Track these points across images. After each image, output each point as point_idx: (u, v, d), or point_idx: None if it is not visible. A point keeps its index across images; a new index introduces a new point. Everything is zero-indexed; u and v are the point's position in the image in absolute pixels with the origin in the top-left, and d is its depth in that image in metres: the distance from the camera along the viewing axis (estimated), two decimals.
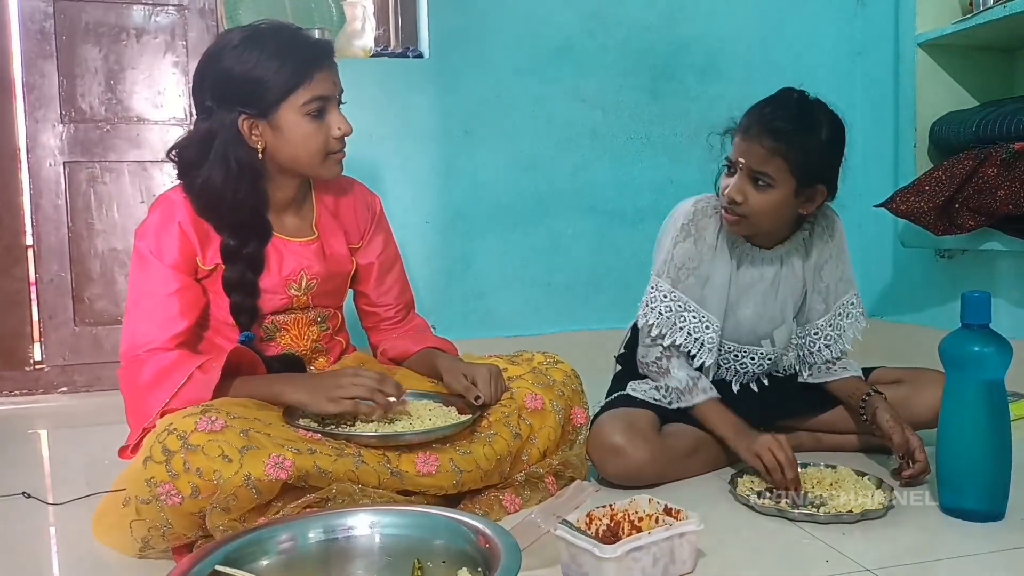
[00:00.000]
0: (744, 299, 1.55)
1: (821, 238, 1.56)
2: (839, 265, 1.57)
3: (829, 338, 1.56)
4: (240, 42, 1.31)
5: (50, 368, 2.22)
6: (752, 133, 1.40)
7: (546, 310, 2.57)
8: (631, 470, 1.42)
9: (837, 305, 1.57)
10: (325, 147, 1.36)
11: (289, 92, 1.31)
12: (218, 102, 1.33)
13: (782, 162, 1.39)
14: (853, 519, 1.25)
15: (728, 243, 1.53)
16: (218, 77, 1.32)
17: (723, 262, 1.52)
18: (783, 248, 1.54)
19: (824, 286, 1.57)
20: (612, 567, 1.00)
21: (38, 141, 2.17)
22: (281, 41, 1.32)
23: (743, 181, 1.42)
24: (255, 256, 1.38)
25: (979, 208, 2.04)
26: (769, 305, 1.55)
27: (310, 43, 1.36)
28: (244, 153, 1.34)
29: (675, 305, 1.51)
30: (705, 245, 1.52)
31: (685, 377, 1.50)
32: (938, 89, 2.34)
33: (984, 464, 1.25)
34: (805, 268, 1.56)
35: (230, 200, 1.34)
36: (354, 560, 1.00)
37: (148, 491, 1.10)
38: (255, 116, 1.32)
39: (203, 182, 1.33)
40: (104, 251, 2.22)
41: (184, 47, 2.25)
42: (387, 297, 1.60)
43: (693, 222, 1.52)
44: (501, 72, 2.47)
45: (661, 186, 2.61)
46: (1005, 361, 1.23)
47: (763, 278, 1.54)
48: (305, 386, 1.29)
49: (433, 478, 1.24)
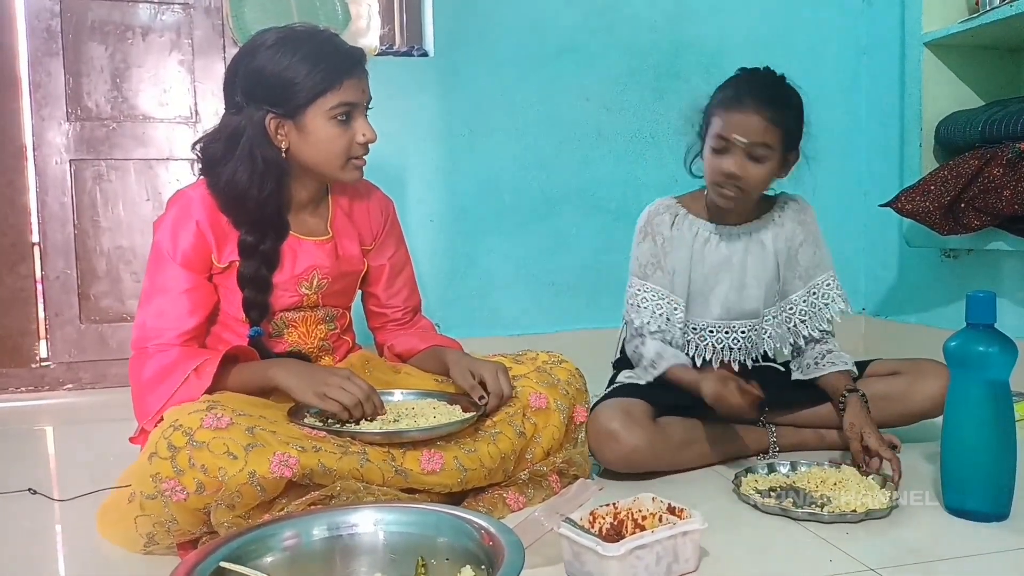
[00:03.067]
0: (721, 277, 1.61)
1: (793, 220, 1.62)
2: (813, 249, 1.62)
3: (804, 313, 1.61)
4: (275, 42, 1.33)
5: (56, 365, 2.22)
6: (748, 106, 1.44)
7: (550, 309, 2.56)
8: (627, 454, 1.44)
9: (812, 284, 1.61)
10: (347, 152, 1.37)
11: (318, 96, 1.33)
12: (248, 99, 1.35)
13: (779, 131, 1.46)
14: (857, 518, 1.25)
15: (689, 230, 1.61)
16: (250, 74, 1.34)
17: (683, 249, 1.61)
18: (751, 225, 1.61)
19: (802, 269, 1.62)
20: (615, 565, 1.01)
21: (44, 139, 2.18)
22: (315, 45, 1.34)
23: (739, 156, 1.46)
24: (271, 253, 1.39)
25: (985, 208, 2.03)
26: (744, 280, 1.61)
27: (343, 50, 1.37)
28: (270, 151, 1.35)
29: (649, 295, 1.61)
30: (662, 239, 1.61)
31: (655, 348, 1.57)
32: (944, 89, 2.33)
33: (989, 464, 1.25)
34: (776, 245, 1.60)
35: (255, 197, 1.35)
36: (358, 557, 1.01)
37: (153, 487, 1.11)
38: (282, 116, 1.34)
39: (228, 179, 1.35)
40: (110, 249, 2.23)
41: (190, 45, 2.26)
42: (396, 299, 1.61)
43: (648, 223, 1.63)
44: (506, 71, 2.47)
45: (666, 185, 2.60)
46: (1010, 361, 1.23)
47: (733, 254, 1.61)
48: (297, 373, 1.30)
49: (437, 476, 1.24)
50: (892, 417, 1.56)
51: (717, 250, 1.61)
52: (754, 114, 1.44)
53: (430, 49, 2.45)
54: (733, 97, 1.47)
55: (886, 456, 1.38)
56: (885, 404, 1.54)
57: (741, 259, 1.61)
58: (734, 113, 1.46)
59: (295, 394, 1.28)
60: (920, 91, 2.33)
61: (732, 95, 1.48)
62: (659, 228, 1.62)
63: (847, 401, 1.49)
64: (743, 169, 1.46)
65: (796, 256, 1.61)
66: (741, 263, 1.61)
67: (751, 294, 1.61)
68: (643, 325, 1.59)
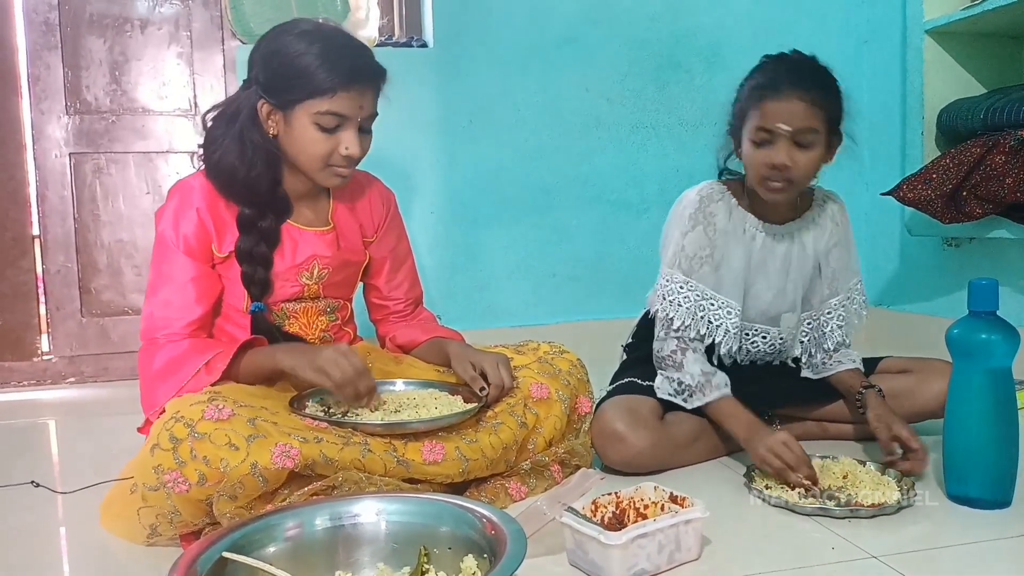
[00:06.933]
0: (759, 277, 1.54)
1: (833, 219, 1.56)
2: (846, 251, 1.57)
3: (841, 319, 1.57)
4: (301, 32, 1.34)
5: (57, 359, 2.23)
6: (787, 91, 1.38)
7: (551, 300, 2.56)
8: (632, 457, 1.42)
9: (846, 288, 1.57)
10: (327, 159, 1.37)
11: (309, 97, 1.32)
12: (255, 78, 1.36)
13: (823, 114, 1.39)
14: (869, 514, 1.22)
15: (740, 224, 1.52)
16: (264, 54, 1.36)
17: (737, 244, 1.51)
18: (795, 224, 1.54)
19: (831, 271, 1.56)
20: (617, 554, 1.01)
21: (44, 132, 2.17)
22: (332, 48, 1.33)
23: (786, 145, 1.39)
24: (271, 230, 1.40)
25: (987, 196, 2.03)
26: (782, 282, 1.55)
27: (357, 62, 1.35)
28: (258, 135, 1.36)
29: (693, 295, 1.49)
30: (715, 231, 1.50)
31: (699, 372, 1.47)
32: (946, 76, 2.32)
33: (990, 452, 1.24)
34: (816, 247, 1.55)
35: (243, 177, 1.36)
36: (360, 547, 1.01)
37: (155, 478, 1.11)
38: (274, 105, 1.34)
39: (219, 156, 1.36)
40: (110, 242, 2.23)
41: (188, 38, 2.25)
42: (398, 291, 1.61)
43: (700, 210, 1.49)
44: (506, 62, 2.46)
45: (667, 175, 2.60)
46: (1012, 349, 1.23)
47: (775, 255, 1.53)
48: (298, 354, 1.30)
49: (439, 466, 1.24)
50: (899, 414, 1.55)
51: (762, 249, 1.52)
52: (796, 99, 1.37)
53: (429, 40, 2.44)
54: (769, 85, 1.40)
55: (915, 446, 1.35)
56: (893, 401, 1.50)
57: (783, 261, 1.53)
58: (774, 102, 1.38)
59: (296, 371, 1.29)
60: (922, 79, 2.32)
61: (767, 83, 1.41)
62: (714, 218, 1.49)
63: (866, 396, 1.46)
64: (792, 158, 1.39)
65: (829, 256, 1.56)
66: (783, 265, 1.53)
67: (788, 298, 1.55)
68: (684, 328, 1.48)
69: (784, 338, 1.59)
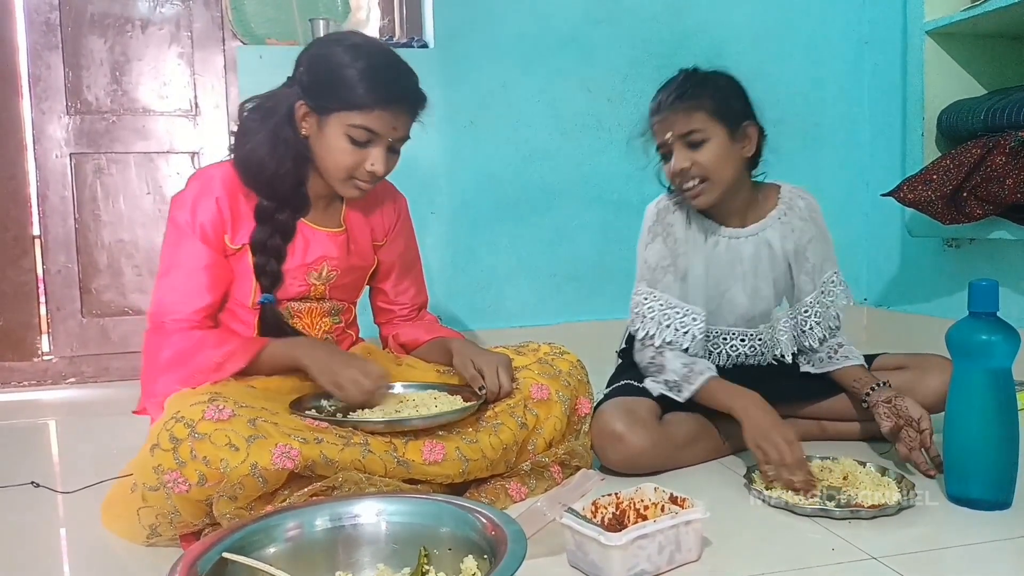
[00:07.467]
0: (731, 282, 1.57)
1: (801, 217, 1.58)
2: (821, 244, 1.60)
3: (819, 315, 1.59)
4: (350, 44, 1.36)
5: (58, 359, 2.23)
6: (664, 108, 1.49)
7: (552, 301, 2.56)
8: (631, 457, 1.43)
9: (820, 282, 1.59)
10: (352, 171, 1.38)
11: (346, 108, 1.33)
12: (299, 78, 1.37)
13: (703, 113, 1.46)
14: (869, 515, 1.22)
15: (701, 231, 1.56)
16: (313, 57, 1.37)
17: (697, 251, 1.56)
18: (758, 225, 1.57)
19: (810, 266, 1.59)
20: (617, 555, 1.01)
21: (44, 133, 2.18)
22: (378, 65, 1.35)
23: (681, 151, 1.47)
24: (287, 223, 1.41)
25: (987, 197, 2.03)
26: (755, 283, 1.58)
27: (399, 84, 1.37)
28: (291, 133, 1.37)
29: (657, 305, 1.54)
30: (675, 240, 1.55)
31: (680, 366, 1.50)
32: (946, 77, 2.32)
33: (991, 453, 1.24)
34: (785, 246, 1.58)
35: (271, 172, 1.37)
36: (361, 548, 1.01)
37: (155, 479, 1.11)
38: (311, 108, 1.36)
39: (251, 148, 1.37)
40: (111, 242, 2.23)
41: (189, 38, 2.25)
42: (404, 297, 1.63)
43: (659, 222, 1.57)
44: (506, 62, 2.46)
45: None
46: (1013, 349, 1.23)
47: (742, 257, 1.57)
48: (319, 358, 1.33)
49: (439, 467, 1.24)
50: None
51: (728, 252, 1.57)
52: (668, 112, 1.47)
53: (430, 40, 2.44)
54: (652, 108, 1.52)
55: (925, 426, 1.37)
56: None
57: (752, 262, 1.57)
58: (656, 120, 1.50)
59: (312, 373, 1.32)
60: (922, 80, 2.32)
61: (651, 106, 1.53)
62: (671, 228, 1.55)
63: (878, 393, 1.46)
64: (691, 159, 1.46)
65: (805, 253, 1.58)
66: (752, 266, 1.57)
67: (764, 297, 1.59)
68: (651, 336, 1.53)
69: (763, 339, 1.61)
